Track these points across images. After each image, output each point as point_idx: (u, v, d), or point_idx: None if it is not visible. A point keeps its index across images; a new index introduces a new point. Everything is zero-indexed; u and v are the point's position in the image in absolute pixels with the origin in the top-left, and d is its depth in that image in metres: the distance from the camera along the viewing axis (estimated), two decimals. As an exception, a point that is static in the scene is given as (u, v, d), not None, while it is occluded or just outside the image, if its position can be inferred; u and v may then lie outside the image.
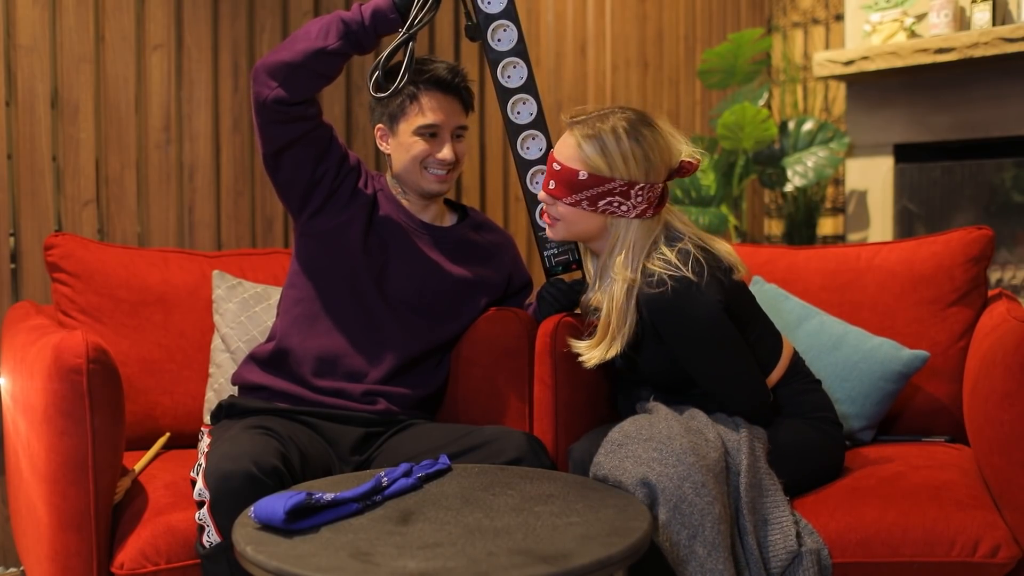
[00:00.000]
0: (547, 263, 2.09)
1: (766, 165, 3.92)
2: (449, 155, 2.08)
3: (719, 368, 1.86)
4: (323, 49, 1.87)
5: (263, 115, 1.95)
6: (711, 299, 1.81)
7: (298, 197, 2.06)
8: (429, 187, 2.11)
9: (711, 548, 1.63)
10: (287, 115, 1.94)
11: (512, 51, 2.00)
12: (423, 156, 2.08)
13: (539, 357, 2.02)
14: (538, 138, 2.05)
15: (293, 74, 1.89)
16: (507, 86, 2.01)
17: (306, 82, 1.91)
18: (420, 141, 2.08)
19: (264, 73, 1.92)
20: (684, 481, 1.65)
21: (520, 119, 2.03)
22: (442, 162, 2.08)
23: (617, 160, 1.82)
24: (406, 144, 2.09)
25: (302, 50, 1.88)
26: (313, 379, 2.03)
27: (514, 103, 2.02)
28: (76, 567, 1.73)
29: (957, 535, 1.72)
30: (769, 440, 1.86)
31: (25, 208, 2.60)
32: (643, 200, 1.85)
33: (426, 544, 1.37)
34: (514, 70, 2.01)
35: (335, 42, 1.87)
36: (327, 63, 1.90)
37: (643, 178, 1.83)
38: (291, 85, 1.90)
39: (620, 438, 1.77)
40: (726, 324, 1.84)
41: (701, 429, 1.78)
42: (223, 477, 1.65)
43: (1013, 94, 3.50)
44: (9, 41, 2.57)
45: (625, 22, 4.03)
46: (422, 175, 2.10)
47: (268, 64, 1.92)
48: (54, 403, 1.72)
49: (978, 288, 2.26)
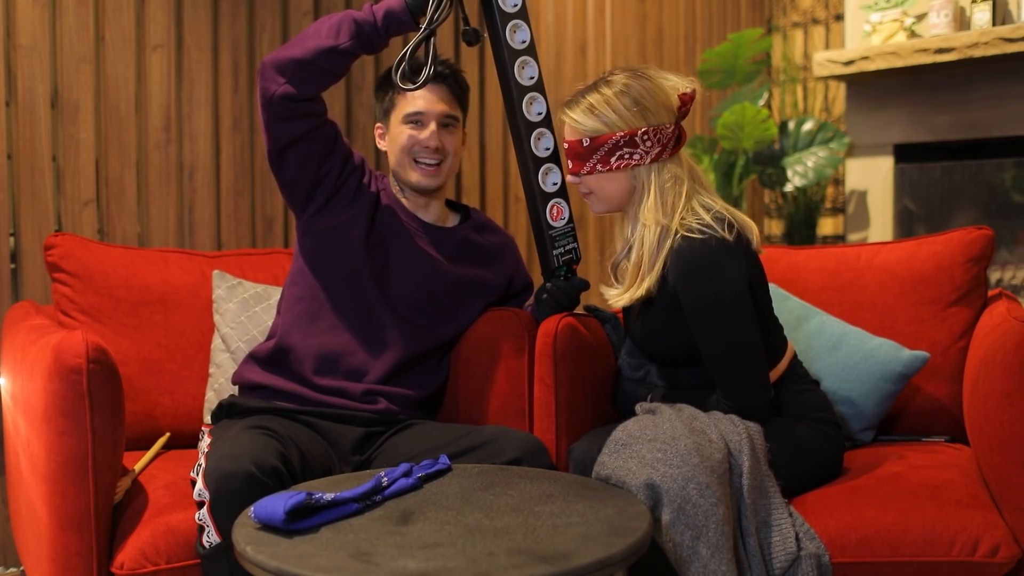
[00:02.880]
0: (555, 262, 2.10)
1: (766, 165, 3.92)
2: (432, 140, 2.08)
3: (728, 346, 1.84)
4: (334, 48, 1.88)
5: (270, 111, 1.95)
6: (740, 269, 1.82)
7: (302, 195, 2.06)
8: (418, 180, 2.12)
9: (714, 549, 1.63)
10: (293, 111, 1.94)
11: (526, 50, 2.05)
12: (410, 145, 2.10)
13: (539, 357, 2.02)
14: (547, 136, 2.09)
15: (302, 71, 1.90)
16: (523, 84, 2.05)
17: (314, 79, 1.92)
18: (406, 129, 2.10)
19: (272, 69, 1.92)
20: (688, 482, 1.65)
21: (532, 117, 2.07)
22: (427, 148, 2.09)
23: (608, 114, 1.88)
24: (395, 135, 2.12)
25: (312, 48, 1.89)
26: (313, 377, 2.03)
27: (528, 101, 2.06)
28: (76, 567, 1.73)
29: (957, 535, 1.72)
30: (767, 440, 1.85)
31: (25, 208, 2.60)
32: (652, 144, 1.89)
33: (426, 544, 1.37)
34: (526, 69, 2.06)
35: (346, 41, 1.88)
36: (337, 61, 1.91)
37: (643, 123, 1.88)
38: (299, 82, 1.91)
39: (624, 438, 1.77)
40: (747, 300, 1.84)
41: (704, 430, 1.78)
42: (223, 477, 1.65)
43: (1013, 94, 3.50)
44: (9, 41, 2.58)
45: (625, 22, 4.03)
46: (412, 167, 2.11)
47: (277, 60, 1.92)
48: (54, 403, 1.72)
49: (978, 288, 2.26)
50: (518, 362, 2.08)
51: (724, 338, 1.84)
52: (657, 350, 1.99)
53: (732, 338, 1.84)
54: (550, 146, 2.09)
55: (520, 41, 2.04)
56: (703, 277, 1.82)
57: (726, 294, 1.82)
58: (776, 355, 1.96)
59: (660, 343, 1.97)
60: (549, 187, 2.08)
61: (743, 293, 1.83)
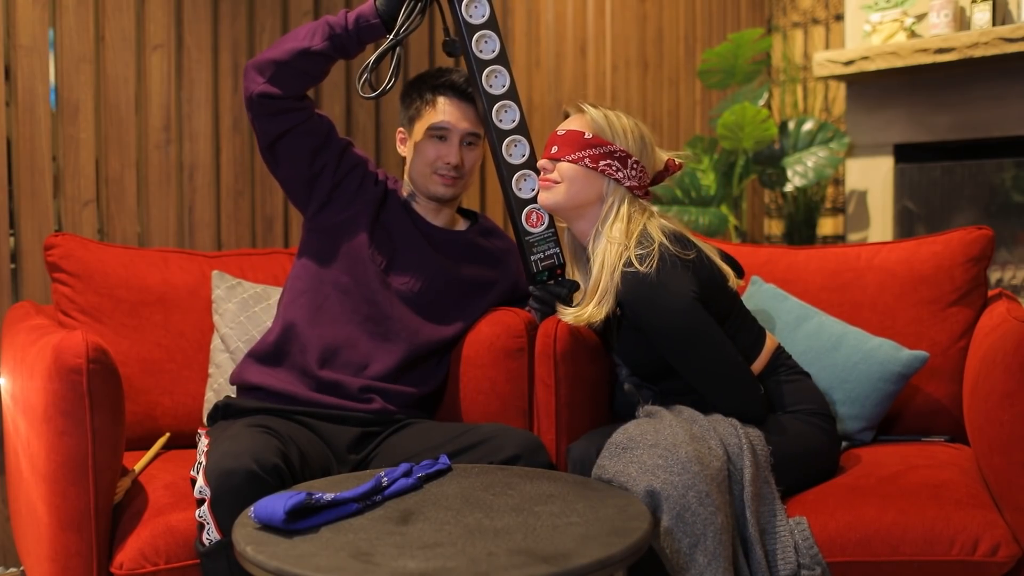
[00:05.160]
0: (534, 268, 2.09)
1: (766, 165, 3.92)
2: (455, 158, 2.11)
3: (701, 363, 1.87)
4: (307, 49, 1.96)
5: (252, 109, 2.03)
6: (683, 285, 1.85)
7: (302, 191, 2.10)
8: (435, 190, 2.14)
9: (711, 557, 1.64)
10: (273, 108, 2.01)
11: (495, 60, 2.06)
12: (433, 158, 2.12)
13: (540, 358, 2.02)
14: (521, 143, 2.09)
15: (280, 71, 1.98)
16: (492, 93, 2.06)
17: (292, 80, 1.99)
18: (431, 142, 2.13)
19: (253, 70, 2.01)
20: (688, 490, 1.66)
21: (504, 125, 2.08)
22: (448, 164, 2.12)
23: (619, 130, 1.99)
24: (420, 145, 2.14)
25: (289, 49, 1.97)
26: (315, 368, 2.03)
27: (498, 110, 2.06)
28: (76, 567, 1.73)
29: (957, 534, 1.72)
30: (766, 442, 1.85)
31: (25, 208, 2.60)
32: (636, 176, 1.98)
33: (426, 544, 1.37)
34: (496, 78, 2.06)
35: (320, 43, 1.97)
36: (312, 62, 1.98)
37: (638, 154, 1.99)
38: (277, 81, 1.99)
39: (624, 441, 1.77)
40: (699, 313, 1.85)
41: (704, 436, 1.78)
42: (225, 474, 1.65)
43: (1013, 94, 3.50)
44: (9, 41, 2.58)
45: (625, 22, 4.03)
46: (431, 178, 2.14)
47: (257, 61, 2.01)
48: (54, 403, 1.72)
49: (978, 288, 2.26)
50: (518, 362, 2.08)
51: (695, 357, 1.87)
52: (637, 367, 2.03)
53: (702, 354, 1.87)
54: (525, 153, 2.09)
55: (490, 51, 2.05)
56: (648, 303, 1.86)
57: (676, 315, 1.85)
58: (751, 354, 1.98)
59: (637, 360, 2.01)
60: (526, 193, 2.09)
61: (693, 307, 1.85)
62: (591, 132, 1.97)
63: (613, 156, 1.96)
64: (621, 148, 1.97)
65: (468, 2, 2.02)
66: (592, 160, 1.96)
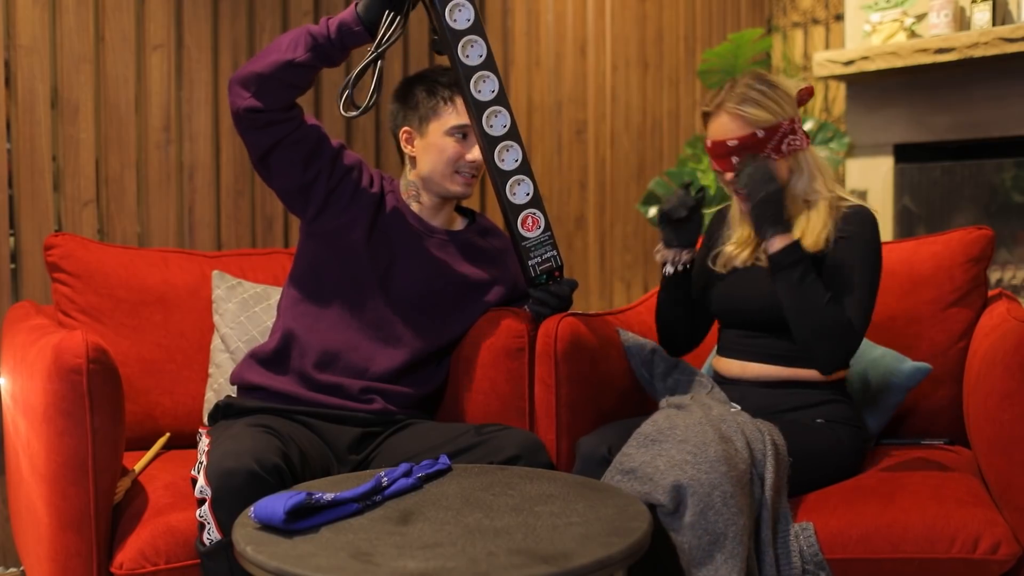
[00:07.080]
0: (532, 272, 2.09)
1: (766, 165, 3.91)
2: (479, 156, 2.09)
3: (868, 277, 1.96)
4: (291, 61, 1.90)
5: (240, 124, 1.99)
6: None
7: (298, 200, 2.07)
8: (455, 189, 2.13)
9: (728, 557, 1.65)
10: (261, 121, 1.96)
11: (482, 65, 2.01)
12: (456, 158, 2.10)
13: (540, 357, 2.02)
14: (513, 149, 2.06)
15: (264, 85, 1.93)
16: (480, 100, 2.02)
17: (277, 92, 1.94)
18: (452, 142, 2.10)
19: (237, 84, 1.96)
20: (715, 489, 1.66)
21: (495, 131, 2.04)
22: (471, 163, 2.10)
23: (774, 105, 1.99)
24: (438, 145, 2.11)
25: (272, 62, 1.91)
26: (313, 372, 2.03)
27: (488, 116, 2.03)
28: (76, 567, 1.73)
29: (958, 532, 1.72)
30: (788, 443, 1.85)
31: (25, 208, 2.60)
32: (802, 131, 2.04)
33: (426, 544, 1.37)
34: (485, 83, 2.02)
35: (303, 54, 1.90)
36: (296, 74, 1.93)
37: (795, 112, 2.03)
38: (262, 95, 1.94)
39: (653, 433, 1.77)
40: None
41: (731, 437, 1.78)
42: (225, 474, 1.65)
43: (1013, 94, 3.50)
44: (9, 41, 2.58)
45: (625, 22, 4.03)
46: (452, 177, 2.12)
47: (240, 76, 1.96)
48: (54, 403, 1.72)
49: (978, 288, 2.26)
50: (518, 362, 2.07)
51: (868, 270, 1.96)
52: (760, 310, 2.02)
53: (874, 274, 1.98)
54: (518, 158, 2.05)
55: (476, 56, 2.00)
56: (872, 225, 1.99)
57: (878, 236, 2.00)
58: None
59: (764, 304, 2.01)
60: (520, 199, 2.07)
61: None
62: (759, 129, 1.98)
63: (787, 133, 1.99)
64: (787, 120, 1.99)
65: (452, 7, 1.96)
66: (776, 151, 1.99)
